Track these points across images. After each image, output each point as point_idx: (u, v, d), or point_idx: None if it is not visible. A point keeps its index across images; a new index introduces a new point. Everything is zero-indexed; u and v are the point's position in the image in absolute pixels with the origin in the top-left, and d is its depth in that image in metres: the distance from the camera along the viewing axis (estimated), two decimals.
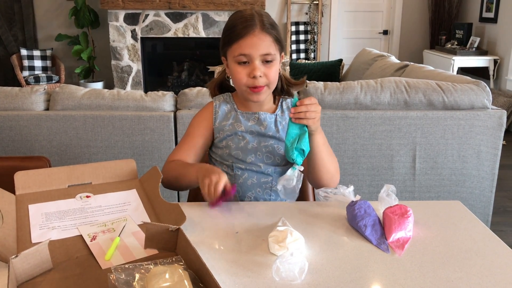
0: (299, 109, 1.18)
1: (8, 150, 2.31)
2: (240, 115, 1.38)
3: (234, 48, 1.26)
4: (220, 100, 1.41)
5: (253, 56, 1.25)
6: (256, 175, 1.36)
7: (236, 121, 1.37)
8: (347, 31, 6.16)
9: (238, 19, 1.27)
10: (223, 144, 1.38)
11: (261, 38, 1.24)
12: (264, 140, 1.36)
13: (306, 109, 1.17)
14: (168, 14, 5.40)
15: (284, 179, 1.20)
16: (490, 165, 2.35)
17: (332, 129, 2.28)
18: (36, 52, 5.56)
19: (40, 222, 1.05)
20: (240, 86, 1.29)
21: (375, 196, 1.19)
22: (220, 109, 1.39)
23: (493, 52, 5.25)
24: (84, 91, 2.38)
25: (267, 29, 1.25)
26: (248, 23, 1.24)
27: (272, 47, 1.26)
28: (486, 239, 1.06)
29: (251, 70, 1.25)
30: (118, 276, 0.83)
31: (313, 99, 1.20)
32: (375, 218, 1.09)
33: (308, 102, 1.18)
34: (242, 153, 1.36)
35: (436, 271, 0.92)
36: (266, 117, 1.36)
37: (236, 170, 1.36)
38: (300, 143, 1.20)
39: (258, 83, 1.26)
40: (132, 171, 1.28)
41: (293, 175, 1.20)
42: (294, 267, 0.88)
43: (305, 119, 1.18)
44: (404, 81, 2.36)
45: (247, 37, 1.24)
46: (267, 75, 1.27)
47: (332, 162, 1.32)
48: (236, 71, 1.28)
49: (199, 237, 1.04)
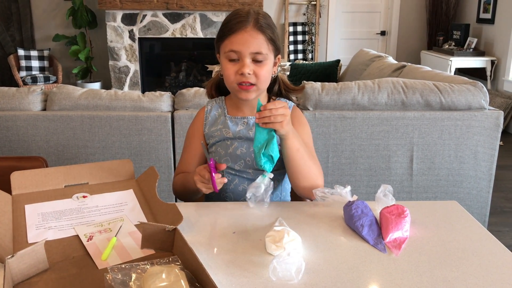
0: (263, 114, 1.12)
1: (5, 150, 2.31)
2: (229, 120, 1.36)
3: (226, 43, 1.24)
4: (212, 105, 1.40)
5: (243, 53, 1.22)
6: (247, 181, 1.35)
7: (224, 127, 1.35)
8: (344, 32, 6.17)
9: (233, 15, 1.25)
10: (213, 150, 1.38)
11: (253, 35, 1.21)
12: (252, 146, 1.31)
13: (270, 114, 1.11)
14: (165, 15, 5.40)
15: (253, 186, 1.17)
16: (487, 165, 2.35)
17: (330, 129, 2.28)
18: (34, 52, 5.55)
19: (36, 222, 1.05)
20: (229, 82, 1.27)
21: (372, 197, 1.18)
22: (210, 115, 1.39)
23: (490, 53, 5.27)
24: (81, 91, 2.38)
25: (260, 27, 1.22)
26: (241, 19, 1.22)
27: (264, 47, 1.23)
28: (483, 239, 1.06)
29: (240, 67, 1.23)
30: (115, 276, 0.83)
31: (279, 103, 1.14)
32: (372, 218, 1.09)
33: (272, 107, 1.12)
34: (231, 159, 1.35)
35: (433, 271, 0.92)
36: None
37: (227, 176, 1.35)
38: (268, 149, 1.14)
39: (246, 80, 1.23)
40: (129, 171, 1.27)
41: (261, 182, 1.17)
42: (291, 267, 0.88)
43: (271, 124, 1.13)
44: (401, 82, 2.37)
45: (238, 33, 1.21)
46: (257, 74, 1.23)
47: (310, 167, 1.24)
48: (226, 67, 1.25)
49: (196, 237, 1.04)
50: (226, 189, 1.36)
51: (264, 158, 1.16)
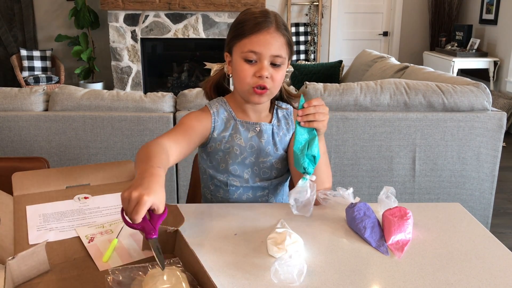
0: (307, 110, 1.08)
1: (7, 151, 2.31)
2: (240, 124, 1.28)
3: (244, 42, 1.16)
4: (217, 107, 1.29)
5: (264, 55, 1.15)
6: (251, 190, 1.31)
7: (236, 132, 1.27)
8: (347, 33, 6.16)
9: (252, 13, 1.17)
10: (220, 156, 1.28)
11: (275, 37, 1.15)
12: (262, 155, 1.28)
13: (315, 111, 1.08)
14: (168, 15, 5.40)
15: (295, 191, 1.08)
16: (490, 167, 2.35)
17: (332, 130, 2.27)
18: (36, 52, 5.56)
19: (37, 223, 1.05)
20: (243, 85, 1.19)
21: (374, 198, 1.17)
22: (219, 118, 1.27)
23: (493, 53, 5.25)
24: (83, 92, 2.38)
25: (282, 29, 1.17)
26: (264, 19, 1.15)
27: (284, 50, 1.17)
28: (486, 242, 1.05)
29: (258, 69, 1.16)
30: (116, 278, 0.83)
31: (320, 100, 1.11)
32: (374, 220, 1.08)
33: (316, 103, 1.08)
34: (239, 168, 1.28)
35: (435, 274, 0.92)
36: (266, 129, 1.29)
37: (231, 186, 1.30)
38: (310, 149, 1.09)
39: (263, 83, 1.16)
40: (130, 173, 1.27)
41: (305, 185, 1.08)
42: (293, 269, 0.88)
43: (315, 122, 1.09)
44: (404, 83, 2.36)
45: (260, 33, 1.14)
46: (274, 78, 1.17)
47: (327, 172, 1.24)
48: (242, 69, 1.17)
49: (197, 239, 1.04)
50: (229, 199, 1.31)
51: (307, 159, 1.10)
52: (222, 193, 1.32)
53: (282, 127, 1.32)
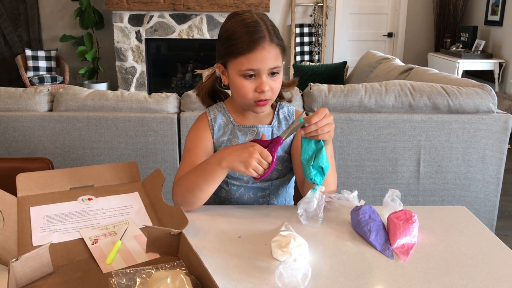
0: (309, 129, 1.07)
1: (12, 151, 2.31)
2: (237, 129, 1.30)
3: (241, 61, 1.16)
4: (215, 113, 1.32)
5: (262, 70, 1.16)
6: (252, 190, 1.32)
7: (234, 137, 1.30)
8: (351, 34, 6.15)
9: (242, 27, 1.16)
10: None
11: (270, 51, 1.16)
12: None
13: (316, 127, 1.07)
14: (172, 16, 5.40)
15: (304, 202, 1.09)
16: (495, 169, 2.33)
17: (336, 132, 2.27)
18: (41, 52, 5.58)
19: (41, 225, 1.05)
20: (245, 99, 1.21)
21: (379, 200, 1.17)
22: (216, 123, 1.31)
23: (498, 55, 5.23)
24: (87, 92, 2.38)
25: (275, 39, 1.17)
26: (257, 36, 1.15)
27: (279, 59, 1.19)
28: (492, 246, 1.04)
29: (258, 85, 1.17)
30: (119, 280, 0.82)
31: (321, 113, 1.08)
32: (379, 224, 1.08)
33: (316, 120, 1.07)
34: None
35: (441, 278, 0.91)
36: (264, 131, 1.30)
37: (231, 186, 1.31)
38: (317, 161, 1.09)
39: (264, 97, 1.19)
40: (134, 174, 1.27)
41: (313, 197, 1.09)
42: (297, 272, 0.87)
43: (320, 135, 1.09)
44: (408, 84, 2.35)
45: (256, 51, 1.14)
46: (273, 88, 1.19)
47: (332, 175, 1.23)
48: (242, 85, 1.19)
49: (201, 242, 1.03)
50: (231, 198, 1.33)
51: (314, 170, 1.09)
52: (224, 192, 1.34)
53: (282, 128, 1.32)
